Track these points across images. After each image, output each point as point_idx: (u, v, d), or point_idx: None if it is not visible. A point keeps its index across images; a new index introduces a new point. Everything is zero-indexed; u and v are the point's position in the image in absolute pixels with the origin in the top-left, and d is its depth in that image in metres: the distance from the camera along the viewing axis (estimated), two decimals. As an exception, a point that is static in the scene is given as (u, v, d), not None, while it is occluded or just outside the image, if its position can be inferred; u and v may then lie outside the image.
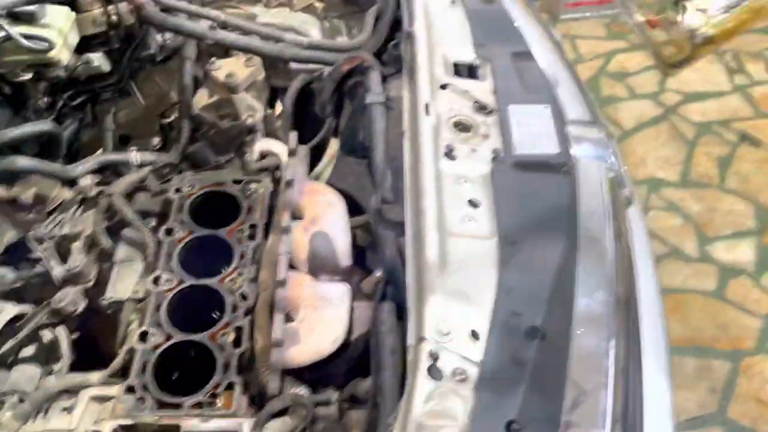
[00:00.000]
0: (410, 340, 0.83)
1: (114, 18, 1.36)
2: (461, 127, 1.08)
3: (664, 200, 2.88)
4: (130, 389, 1.00)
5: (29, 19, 1.24)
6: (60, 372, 1.10)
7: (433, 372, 0.79)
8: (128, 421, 0.97)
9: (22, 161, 1.29)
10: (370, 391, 0.94)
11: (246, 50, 1.46)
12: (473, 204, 0.95)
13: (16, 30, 1.21)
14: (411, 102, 1.14)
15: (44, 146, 1.38)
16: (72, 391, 1.05)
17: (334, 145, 1.54)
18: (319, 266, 1.13)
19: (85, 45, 1.38)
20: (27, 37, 1.22)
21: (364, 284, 1.12)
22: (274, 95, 1.67)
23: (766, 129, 3.10)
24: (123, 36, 1.41)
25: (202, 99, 1.54)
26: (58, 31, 1.27)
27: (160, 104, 1.66)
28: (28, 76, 1.31)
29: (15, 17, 1.23)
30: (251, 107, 1.54)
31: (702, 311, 2.51)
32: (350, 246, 1.16)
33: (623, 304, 0.93)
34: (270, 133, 1.54)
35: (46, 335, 1.16)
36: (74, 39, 1.33)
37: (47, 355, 1.15)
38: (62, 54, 1.27)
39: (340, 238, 1.16)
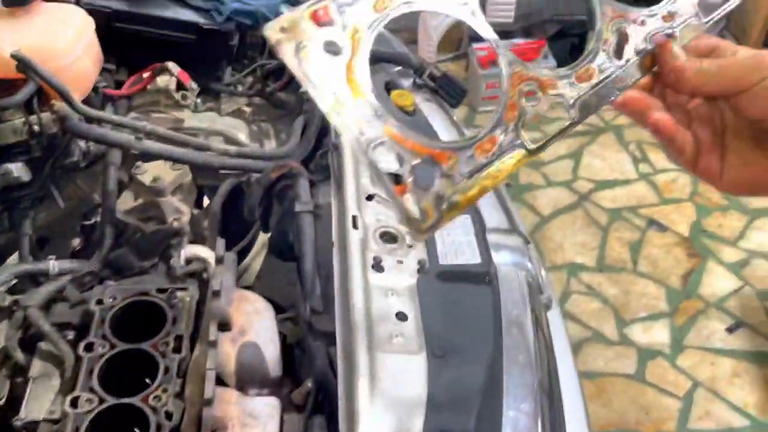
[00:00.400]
0: (343, 467, 0.83)
1: (36, 128, 1.34)
2: (387, 237, 1.11)
3: (583, 284, 3.01)
4: None
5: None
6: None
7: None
8: None
9: (-69, 275, 1.23)
10: None
11: (173, 160, 1.46)
12: (401, 317, 0.97)
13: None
14: (339, 213, 1.17)
15: (-44, 258, 1.33)
16: None
17: (262, 239, 1.55)
18: (248, 379, 1.11)
19: (4, 154, 1.35)
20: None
21: (294, 395, 1.11)
22: (201, 193, 1.67)
23: (671, 214, 3.32)
24: (45, 144, 1.39)
25: (126, 202, 1.52)
26: (-24, 144, 1.24)
27: (81, 206, 1.63)
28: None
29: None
30: (178, 210, 1.53)
31: (624, 394, 2.59)
32: (280, 355, 1.15)
33: (549, 409, 0.96)
34: (197, 235, 1.54)
35: (-47, 461, 1.08)
36: (-8, 150, 1.31)
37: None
38: (-21, 166, 1.25)
39: (269, 348, 1.15)
